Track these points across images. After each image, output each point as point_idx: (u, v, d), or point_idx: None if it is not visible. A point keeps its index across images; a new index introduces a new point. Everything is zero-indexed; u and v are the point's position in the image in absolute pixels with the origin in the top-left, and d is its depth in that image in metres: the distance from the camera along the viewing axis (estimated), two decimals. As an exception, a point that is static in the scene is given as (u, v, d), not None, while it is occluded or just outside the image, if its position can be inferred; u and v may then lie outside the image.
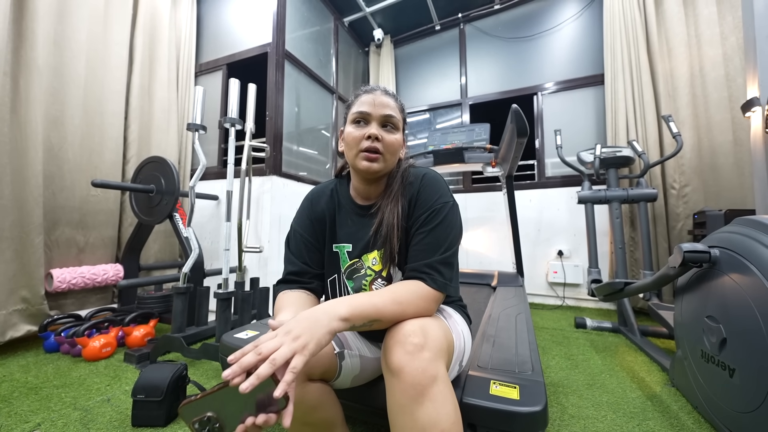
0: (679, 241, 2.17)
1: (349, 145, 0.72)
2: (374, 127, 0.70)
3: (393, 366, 0.54)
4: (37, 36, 1.70)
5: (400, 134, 0.74)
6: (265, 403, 0.44)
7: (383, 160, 0.71)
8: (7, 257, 1.57)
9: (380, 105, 0.71)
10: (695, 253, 1.02)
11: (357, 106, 0.72)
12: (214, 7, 2.75)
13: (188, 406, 0.43)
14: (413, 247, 0.69)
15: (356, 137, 0.70)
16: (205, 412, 0.43)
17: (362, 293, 0.60)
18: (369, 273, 0.75)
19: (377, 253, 0.74)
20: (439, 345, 0.57)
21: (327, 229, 0.79)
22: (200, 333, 1.63)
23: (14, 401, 1.15)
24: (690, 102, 2.21)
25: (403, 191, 0.74)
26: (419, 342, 0.55)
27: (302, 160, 2.71)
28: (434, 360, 0.54)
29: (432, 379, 0.52)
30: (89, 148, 2.01)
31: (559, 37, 2.93)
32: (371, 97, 0.72)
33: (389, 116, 0.71)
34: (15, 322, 1.59)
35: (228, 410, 0.43)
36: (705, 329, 1.02)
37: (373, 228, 0.73)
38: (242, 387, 0.41)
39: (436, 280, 0.65)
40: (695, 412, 1.08)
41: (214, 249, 2.37)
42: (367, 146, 0.69)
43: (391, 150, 0.72)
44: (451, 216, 0.70)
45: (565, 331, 1.96)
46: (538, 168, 2.92)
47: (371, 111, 0.70)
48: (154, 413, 1.02)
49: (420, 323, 0.58)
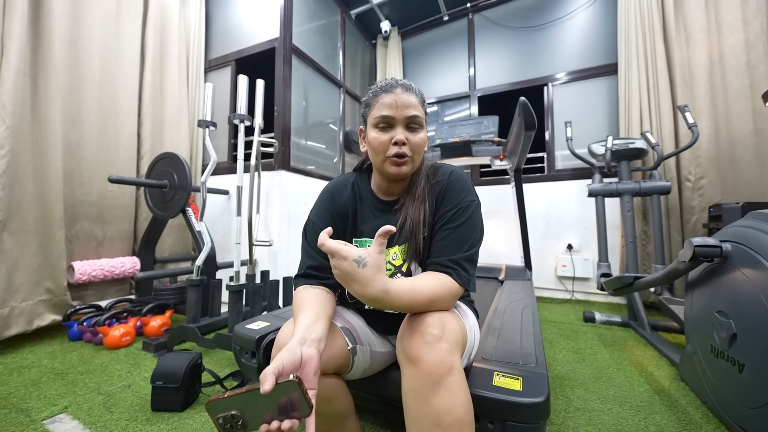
0: (694, 234, 2.12)
1: (376, 150, 0.70)
2: (400, 131, 0.68)
3: (411, 354, 0.56)
4: (54, 36, 1.75)
5: (424, 132, 0.72)
6: (288, 408, 0.46)
7: (411, 161, 0.70)
8: (31, 250, 1.64)
9: (403, 106, 0.68)
10: (706, 247, 1.01)
11: (378, 108, 0.69)
12: (222, 3, 2.76)
13: (215, 403, 0.45)
14: (438, 242, 0.70)
15: (383, 143, 0.69)
16: (230, 410, 0.45)
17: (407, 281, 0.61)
18: (389, 268, 0.75)
19: (398, 248, 0.75)
20: (456, 338, 0.59)
21: (348, 224, 0.79)
22: (213, 323, 1.69)
23: (43, 385, 1.22)
24: (708, 91, 2.14)
25: (430, 188, 0.73)
26: (438, 333, 0.57)
27: (310, 154, 2.73)
28: (451, 351, 0.56)
29: (449, 369, 0.54)
30: (105, 145, 2.07)
31: (570, 26, 2.85)
32: (392, 97, 0.68)
33: (413, 117, 0.69)
34: (41, 312, 1.67)
35: (252, 410, 0.46)
36: (715, 324, 1.01)
37: (398, 224, 0.72)
38: (264, 388, 0.43)
39: (461, 275, 0.66)
40: (704, 407, 1.08)
41: (226, 242, 2.43)
42: (395, 152, 0.68)
43: (418, 150, 0.71)
44: (476, 215, 0.71)
45: (573, 325, 1.95)
46: (547, 160, 2.87)
47: (395, 114, 0.68)
48: (172, 398, 1.07)
49: (439, 316, 0.60)
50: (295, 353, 0.51)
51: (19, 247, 1.59)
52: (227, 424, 0.45)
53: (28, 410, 1.06)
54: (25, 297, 1.61)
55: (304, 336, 0.56)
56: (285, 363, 0.49)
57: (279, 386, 0.45)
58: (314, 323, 0.60)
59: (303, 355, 0.53)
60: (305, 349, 0.54)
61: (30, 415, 1.03)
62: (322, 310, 0.65)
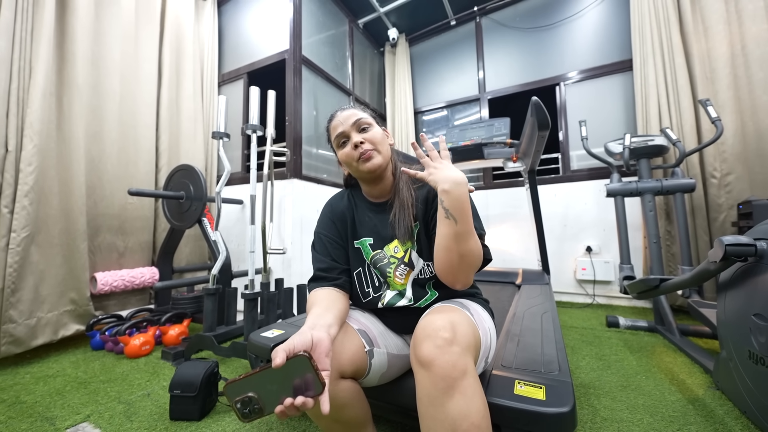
0: (722, 233, 2.02)
1: (348, 162, 0.79)
2: (354, 135, 0.78)
3: (423, 359, 0.56)
4: (77, 57, 1.84)
5: (376, 127, 0.81)
6: (303, 388, 0.47)
7: (377, 153, 0.78)
8: (57, 262, 1.71)
9: (346, 118, 0.79)
10: (739, 246, 0.95)
11: (332, 133, 0.81)
12: (234, 19, 2.85)
13: (232, 385, 0.46)
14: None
15: (349, 154, 0.78)
16: (247, 392, 0.46)
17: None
18: (392, 261, 0.81)
19: (397, 241, 0.80)
20: (468, 340, 0.59)
21: (348, 228, 0.85)
22: (230, 332, 1.70)
23: (67, 394, 1.25)
24: (731, 84, 2.05)
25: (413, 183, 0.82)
26: (449, 337, 0.56)
27: (321, 162, 2.76)
28: (463, 354, 0.56)
29: (462, 372, 0.54)
30: (125, 159, 2.15)
31: (581, 24, 2.81)
32: (337, 120, 0.80)
33: (358, 120, 0.78)
34: (65, 322, 1.73)
35: (267, 391, 0.47)
36: (752, 328, 0.95)
37: (389, 218, 0.80)
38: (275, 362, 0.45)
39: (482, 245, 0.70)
40: (743, 418, 1.01)
41: (241, 251, 2.46)
42: (359, 152, 0.76)
43: (378, 141, 0.78)
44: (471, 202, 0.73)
45: (595, 331, 1.88)
46: (562, 161, 2.81)
47: (343, 128, 0.78)
48: (190, 408, 1.07)
49: (449, 319, 0.61)
50: (305, 335, 0.53)
51: (45, 260, 1.65)
52: (245, 408, 0.47)
53: (52, 419, 1.08)
54: (51, 308, 1.67)
55: (314, 322, 0.59)
56: (296, 342, 0.51)
57: (290, 362, 0.46)
58: (323, 314, 0.63)
59: (313, 338, 0.54)
60: (315, 333, 0.55)
61: (54, 423, 1.06)
62: (331, 304, 0.70)
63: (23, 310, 1.55)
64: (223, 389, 0.47)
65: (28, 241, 1.57)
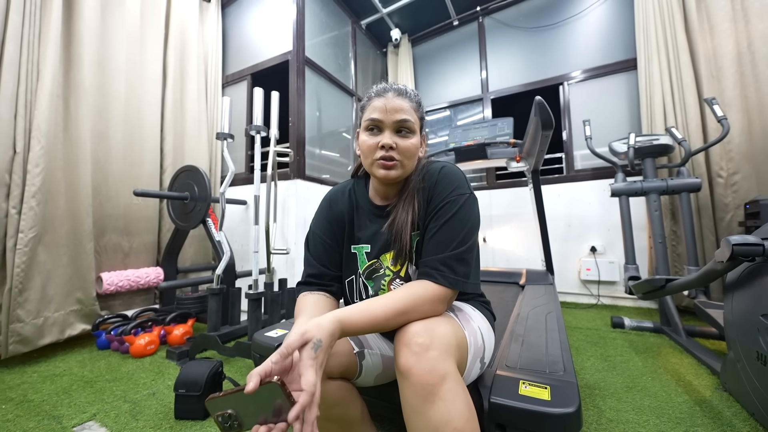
0: (728, 233, 2.00)
1: (364, 153, 0.70)
2: (387, 135, 0.67)
3: (401, 368, 0.54)
4: (84, 60, 1.86)
5: (416, 137, 0.70)
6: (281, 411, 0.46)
7: (401, 166, 0.69)
8: (63, 262, 1.72)
9: (392, 110, 0.67)
10: (746, 246, 0.94)
11: (369, 111, 0.69)
12: (238, 21, 2.87)
13: (213, 401, 0.46)
14: (426, 242, 0.67)
15: (370, 146, 0.68)
16: (226, 408, 0.46)
17: (362, 303, 0.59)
18: (388, 273, 0.74)
19: (393, 252, 0.73)
20: (447, 343, 0.56)
21: (345, 231, 0.79)
22: (234, 332, 1.71)
23: (73, 393, 1.26)
24: (737, 82, 2.03)
25: (421, 188, 0.71)
26: (424, 342, 0.54)
27: (325, 163, 2.76)
28: (442, 359, 0.53)
29: (441, 378, 0.52)
30: (131, 160, 2.17)
31: (585, 23, 2.79)
32: (383, 102, 0.68)
33: (403, 121, 0.68)
34: (72, 322, 1.74)
35: (245, 410, 0.47)
36: (761, 329, 0.94)
37: (386, 227, 0.72)
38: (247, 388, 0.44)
39: (447, 277, 0.62)
40: (752, 420, 0.99)
41: (245, 251, 2.48)
42: (381, 155, 0.67)
43: (408, 155, 0.69)
44: (467, 208, 0.67)
45: (600, 331, 1.86)
46: (566, 161, 2.79)
47: (383, 118, 0.67)
48: (194, 407, 1.08)
49: (425, 323, 0.58)
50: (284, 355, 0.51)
51: (52, 260, 1.67)
52: (226, 423, 0.47)
53: (59, 417, 1.09)
54: (58, 307, 1.69)
55: None
56: (273, 364, 0.48)
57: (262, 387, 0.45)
58: None
59: (293, 359, 0.51)
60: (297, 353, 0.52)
61: (61, 422, 1.07)
62: (319, 312, 0.64)
63: (30, 310, 1.57)
64: (205, 403, 0.47)
65: (35, 241, 1.59)
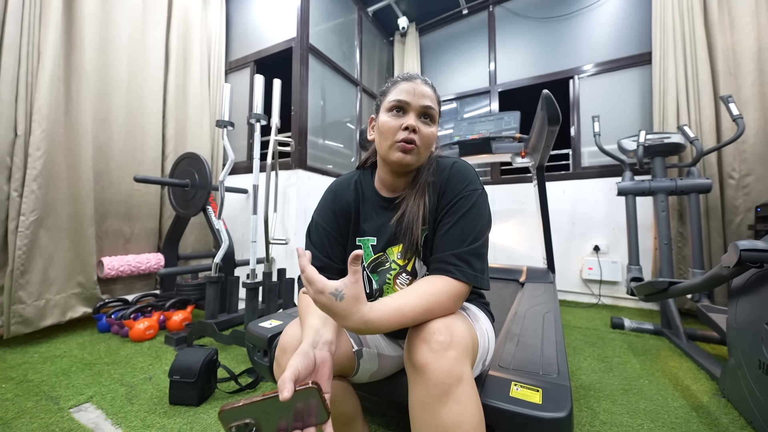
0: (737, 237, 1.95)
1: (384, 134, 0.68)
2: (412, 117, 0.67)
3: (418, 363, 0.53)
4: (85, 43, 1.84)
5: (435, 127, 0.71)
6: (304, 414, 0.45)
7: (417, 152, 0.68)
8: (65, 246, 1.74)
9: (420, 95, 0.67)
10: (754, 251, 0.91)
11: (395, 93, 0.68)
12: (242, 6, 2.81)
13: (229, 411, 0.43)
14: (439, 237, 0.66)
15: (393, 127, 0.67)
16: (244, 418, 0.44)
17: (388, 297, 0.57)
18: (394, 267, 0.73)
19: (402, 246, 0.72)
20: (465, 344, 0.56)
21: (351, 223, 0.77)
22: (231, 320, 1.72)
23: (72, 375, 1.28)
24: (756, 80, 1.95)
25: (431, 182, 0.70)
26: (445, 340, 0.53)
27: (327, 153, 2.73)
28: (460, 360, 0.53)
29: (457, 379, 0.51)
30: (132, 145, 2.16)
31: (599, 14, 2.69)
32: (411, 85, 0.68)
33: (428, 107, 0.68)
34: (73, 305, 1.77)
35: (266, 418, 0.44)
36: (764, 337, 0.91)
37: (395, 219, 0.71)
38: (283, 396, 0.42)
39: (465, 272, 0.61)
40: (749, 428, 0.98)
41: (245, 240, 2.48)
42: (404, 137, 0.66)
43: (427, 144, 0.69)
44: (480, 204, 0.66)
45: (599, 332, 1.84)
46: (573, 157, 2.73)
47: (410, 100, 0.67)
48: (189, 393, 1.09)
49: (446, 321, 0.57)
50: (309, 357, 0.51)
51: (53, 243, 1.69)
52: None
53: (57, 398, 1.11)
54: (59, 290, 1.71)
55: (315, 339, 0.55)
56: (300, 368, 0.48)
57: (297, 393, 0.44)
58: (323, 326, 0.59)
59: (317, 359, 0.52)
60: (318, 353, 0.53)
61: (59, 403, 1.09)
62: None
63: (32, 292, 1.59)
64: (219, 414, 0.44)
65: (36, 224, 1.60)
